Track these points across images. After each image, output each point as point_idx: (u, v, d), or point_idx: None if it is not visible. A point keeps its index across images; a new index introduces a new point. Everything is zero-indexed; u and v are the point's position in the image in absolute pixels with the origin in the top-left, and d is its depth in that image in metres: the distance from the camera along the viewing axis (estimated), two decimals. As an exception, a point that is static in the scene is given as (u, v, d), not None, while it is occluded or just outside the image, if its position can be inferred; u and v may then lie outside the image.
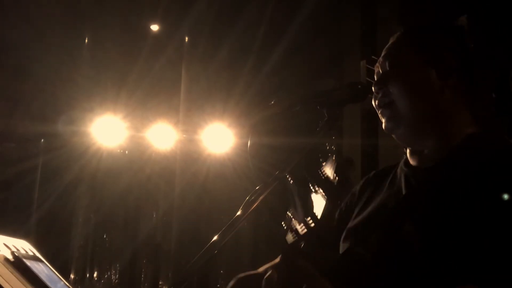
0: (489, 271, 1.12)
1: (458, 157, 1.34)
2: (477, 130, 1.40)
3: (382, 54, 1.50)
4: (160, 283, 4.97)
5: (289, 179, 1.23)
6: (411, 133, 1.42)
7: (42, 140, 5.01)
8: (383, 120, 1.45)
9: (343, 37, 4.20)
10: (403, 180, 1.42)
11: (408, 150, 1.49)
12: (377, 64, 1.50)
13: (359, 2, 4.03)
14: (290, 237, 1.19)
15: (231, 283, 1.41)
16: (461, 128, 1.40)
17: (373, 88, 1.45)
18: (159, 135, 4.84)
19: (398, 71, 1.43)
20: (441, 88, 1.40)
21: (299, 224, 1.17)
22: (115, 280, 4.98)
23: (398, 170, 1.49)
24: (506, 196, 1.17)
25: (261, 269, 1.50)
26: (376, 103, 1.45)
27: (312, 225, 1.13)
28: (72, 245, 4.97)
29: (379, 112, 1.46)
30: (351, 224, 1.47)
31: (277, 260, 1.30)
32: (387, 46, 1.50)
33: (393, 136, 1.46)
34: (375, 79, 1.48)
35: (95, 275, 4.96)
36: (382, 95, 1.43)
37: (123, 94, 4.69)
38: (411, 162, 1.45)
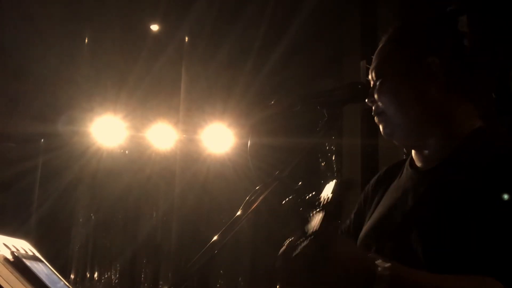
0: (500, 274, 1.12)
1: (462, 156, 1.32)
2: (480, 124, 1.37)
3: (372, 64, 1.47)
4: (160, 283, 4.97)
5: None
6: (409, 136, 1.42)
7: (42, 140, 5.00)
8: (381, 127, 1.45)
9: (343, 37, 4.20)
10: (409, 183, 1.41)
11: (413, 150, 1.48)
12: (369, 72, 1.48)
13: (359, 2, 4.03)
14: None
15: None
16: (463, 123, 1.37)
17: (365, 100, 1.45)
18: (159, 135, 4.84)
19: (382, 83, 1.41)
20: (428, 89, 1.36)
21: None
22: (115, 280, 4.98)
23: (404, 171, 1.47)
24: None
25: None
26: (372, 112, 1.45)
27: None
28: (72, 245, 4.97)
29: (375, 120, 1.46)
30: (364, 228, 1.47)
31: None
32: (376, 52, 1.48)
33: (394, 141, 1.46)
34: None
35: (95, 275, 4.96)
36: (374, 105, 1.42)
37: (123, 94, 4.68)
38: (416, 161, 1.44)
